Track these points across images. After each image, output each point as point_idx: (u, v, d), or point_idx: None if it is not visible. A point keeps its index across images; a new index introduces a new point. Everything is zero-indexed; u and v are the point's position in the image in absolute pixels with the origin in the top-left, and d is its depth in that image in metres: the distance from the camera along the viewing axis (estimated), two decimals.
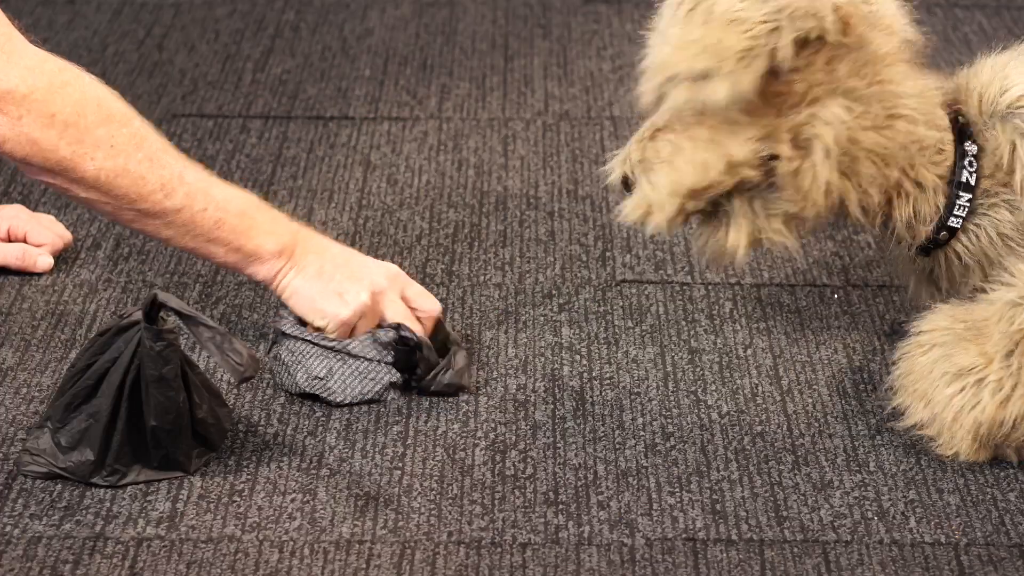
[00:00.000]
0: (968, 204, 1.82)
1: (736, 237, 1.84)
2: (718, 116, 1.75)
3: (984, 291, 1.81)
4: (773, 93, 1.75)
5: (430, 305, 1.91)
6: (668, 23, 1.76)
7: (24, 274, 2.12)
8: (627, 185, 1.84)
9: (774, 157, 1.77)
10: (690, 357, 1.99)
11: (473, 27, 2.89)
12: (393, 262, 2.17)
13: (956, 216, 1.83)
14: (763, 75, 1.71)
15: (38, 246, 2.10)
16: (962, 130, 1.83)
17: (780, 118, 1.76)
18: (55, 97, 1.68)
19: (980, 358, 1.74)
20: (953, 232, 1.84)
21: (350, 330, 1.86)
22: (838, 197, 1.79)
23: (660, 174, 1.81)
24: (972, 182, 1.82)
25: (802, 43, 1.72)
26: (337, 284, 1.85)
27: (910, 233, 1.85)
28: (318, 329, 1.86)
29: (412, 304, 1.90)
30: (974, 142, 1.82)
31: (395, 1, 2.99)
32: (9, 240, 2.09)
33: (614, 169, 1.85)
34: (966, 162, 1.82)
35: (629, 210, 1.83)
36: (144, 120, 1.77)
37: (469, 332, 2.03)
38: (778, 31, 1.69)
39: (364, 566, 1.65)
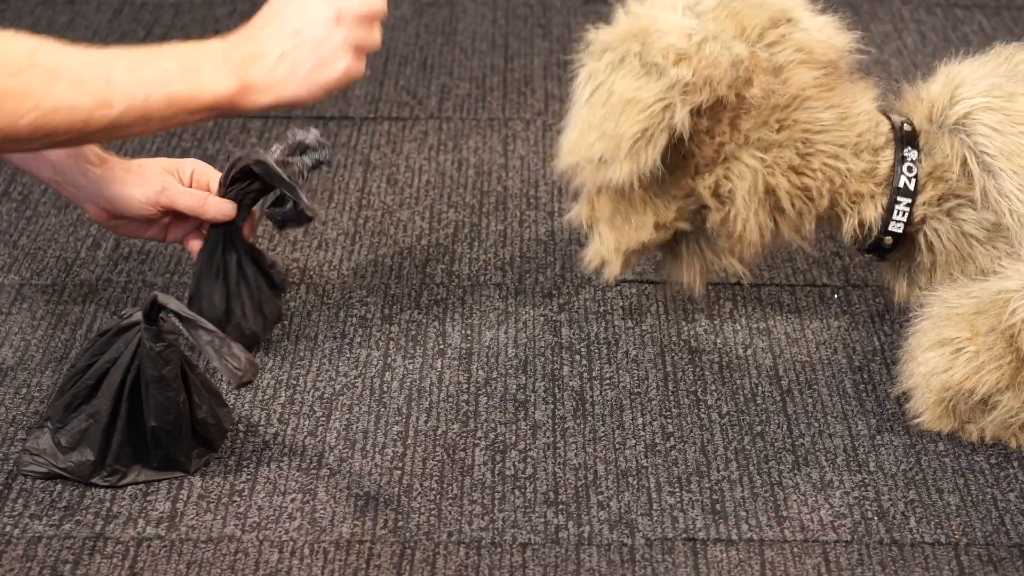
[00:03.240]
0: (908, 209, 1.85)
1: (689, 274, 1.96)
2: (644, 178, 1.81)
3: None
4: (688, 152, 1.82)
5: None
6: (576, 104, 1.84)
7: (24, 274, 2.12)
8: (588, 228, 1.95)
9: (705, 207, 1.86)
10: (690, 357, 1.99)
11: (473, 27, 2.89)
12: (393, 262, 2.18)
13: (896, 221, 1.86)
14: (666, 148, 1.78)
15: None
16: (904, 137, 1.84)
17: (698, 176, 1.84)
18: None
19: (966, 331, 1.76)
20: (897, 237, 1.86)
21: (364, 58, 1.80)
22: (771, 235, 1.87)
23: (604, 231, 1.91)
24: (912, 187, 1.84)
25: (700, 111, 1.78)
26: (311, 57, 1.74)
27: (859, 241, 1.91)
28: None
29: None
30: (914, 148, 1.84)
31: (395, 1, 2.99)
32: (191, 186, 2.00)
33: (574, 219, 1.95)
34: (904, 168, 1.84)
35: (587, 260, 1.95)
36: (44, 41, 1.66)
37: (469, 332, 2.03)
38: (671, 107, 1.76)
39: (364, 566, 1.65)
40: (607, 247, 1.91)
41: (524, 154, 2.47)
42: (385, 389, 1.92)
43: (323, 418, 1.87)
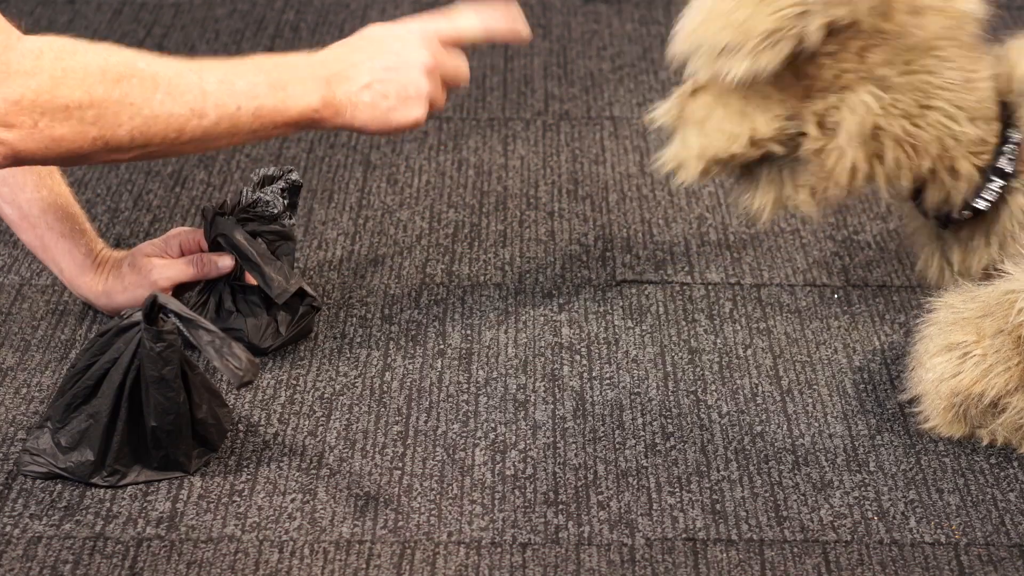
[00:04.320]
0: (1000, 191, 1.82)
1: (761, 201, 1.88)
2: (752, 87, 1.76)
3: (996, 269, 1.83)
4: (804, 73, 1.76)
5: (462, 66, 1.87)
6: None
7: (24, 274, 2.12)
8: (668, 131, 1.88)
9: (802, 134, 1.78)
10: (690, 357, 1.99)
11: None
12: (393, 262, 2.18)
13: (983, 199, 1.82)
14: (788, 56, 1.71)
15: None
16: (1008, 117, 1.82)
17: (808, 99, 1.78)
18: (61, 88, 1.63)
19: (973, 335, 1.75)
20: (976, 212, 1.83)
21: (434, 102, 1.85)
22: (864, 179, 1.80)
23: (691, 135, 1.84)
24: (1009, 170, 1.81)
25: (834, 29, 1.71)
26: (396, 94, 1.80)
27: (935, 209, 1.86)
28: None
29: (453, 42, 1.87)
30: (1016, 128, 1.81)
31: (395, 1, 2.99)
32: (183, 255, 2.04)
33: (659, 118, 1.88)
34: (1006, 148, 1.81)
35: (663, 161, 1.87)
36: (141, 53, 1.71)
37: (469, 332, 2.03)
38: (807, 15, 1.70)
39: (364, 566, 1.65)
40: (689, 152, 1.84)
41: (524, 154, 2.47)
42: (385, 389, 1.92)
43: (323, 418, 1.87)
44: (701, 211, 2.31)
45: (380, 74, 1.80)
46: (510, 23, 1.88)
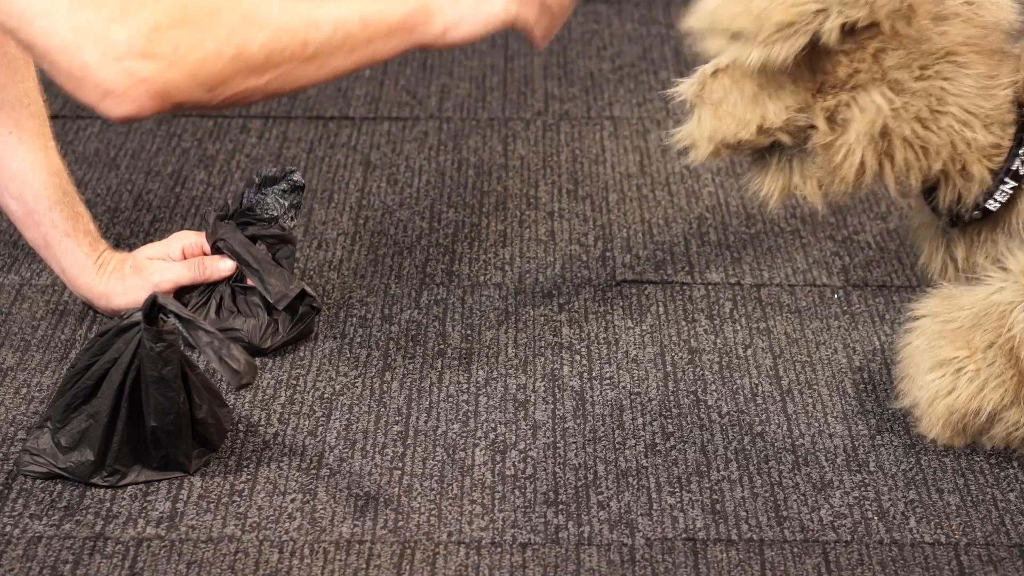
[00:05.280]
0: (1012, 192, 1.81)
1: (770, 187, 1.88)
2: (767, 75, 1.77)
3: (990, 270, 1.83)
4: (819, 67, 1.76)
5: None
6: None
7: (24, 274, 2.12)
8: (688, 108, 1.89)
9: (812, 127, 1.79)
10: (690, 357, 1.99)
11: None
12: (393, 262, 2.18)
13: (995, 200, 1.82)
14: (803, 50, 1.72)
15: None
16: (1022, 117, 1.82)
17: (820, 93, 1.78)
18: (189, 6, 1.57)
19: (964, 349, 1.75)
20: (986, 212, 1.83)
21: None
22: (872, 177, 1.80)
23: (706, 115, 1.85)
24: (1023, 172, 1.81)
25: (851, 29, 1.72)
26: None
27: (946, 208, 1.86)
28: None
29: None
30: None
31: None
32: (184, 258, 2.04)
33: (681, 93, 1.88)
34: (1021, 152, 1.80)
35: (678, 136, 1.88)
36: None
37: (469, 332, 2.03)
38: (825, 13, 1.70)
39: (364, 566, 1.65)
40: (702, 132, 1.85)
41: (524, 154, 2.47)
42: (385, 389, 1.92)
43: (323, 418, 1.87)
44: (701, 211, 2.31)
45: None
46: None
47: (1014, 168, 1.80)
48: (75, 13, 1.52)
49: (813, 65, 1.77)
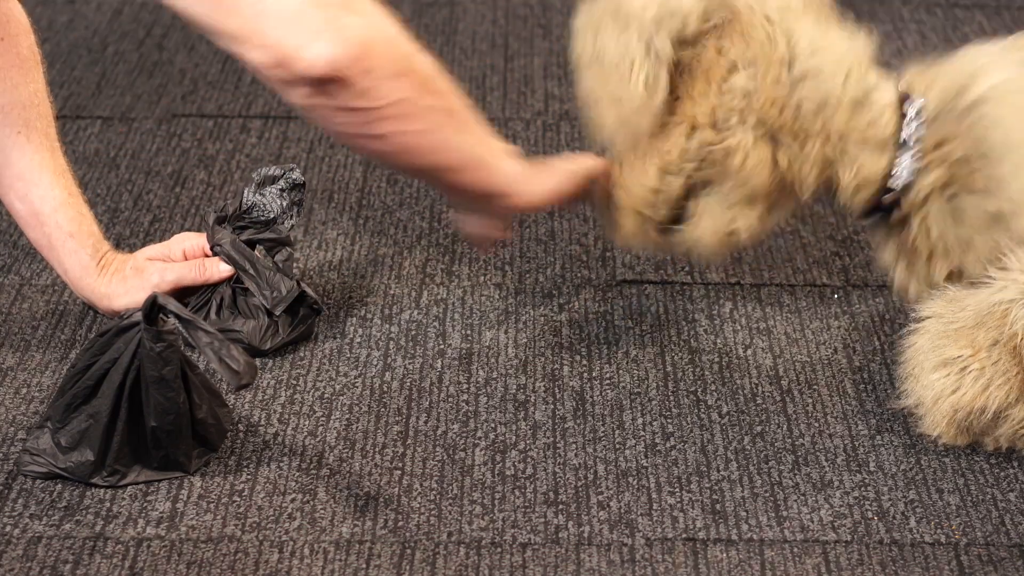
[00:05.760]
0: (909, 164, 1.84)
1: (702, 232, 1.91)
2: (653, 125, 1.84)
3: (963, 274, 1.84)
4: (682, 90, 1.83)
5: None
6: (583, 84, 1.86)
7: (24, 274, 2.12)
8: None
9: (709, 145, 1.84)
10: (690, 357, 1.99)
11: (473, 27, 2.89)
12: (393, 262, 2.18)
13: (898, 177, 1.85)
14: (666, 82, 1.81)
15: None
16: (903, 94, 1.85)
17: (693, 108, 1.83)
18: (397, 45, 1.70)
19: (968, 348, 1.75)
20: (897, 195, 1.85)
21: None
22: (777, 172, 1.84)
23: (618, 195, 1.91)
24: (911, 143, 1.84)
25: (683, 40, 1.81)
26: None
27: (857, 200, 1.89)
28: None
29: None
30: (914, 106, 1.84)
31: (395, 1, 2.99)
32: (185, 259, 2.05)
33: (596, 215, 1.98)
34: (904, 122, 1.83)
35: (604, 231, 1.97)
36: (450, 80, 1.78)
37: (469, 332, 2.03)
38: (651, 40, 1.79)
39: (364, 566, 1.65)
40: (618, 211, 1.92)
41: (524, 154, 2.47)
42: (385, 389, 1.92)
43: (323, 418, 1.87)
44: None
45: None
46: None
47: (902, 139, 1.83)
48: None
49: (675, 91, 1.84)
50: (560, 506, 1.74)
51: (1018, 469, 1.80)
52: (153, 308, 1.71)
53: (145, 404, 1.73)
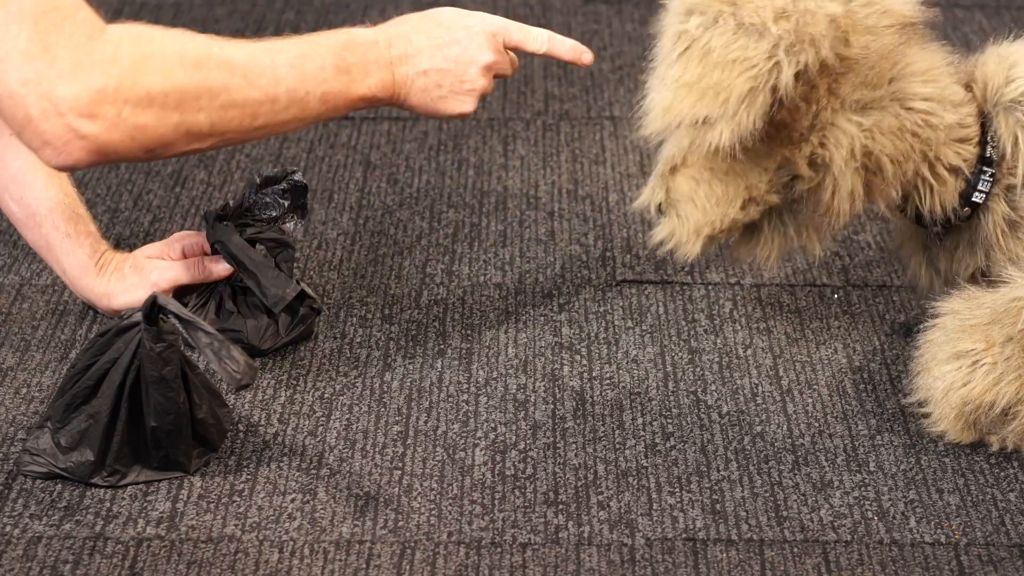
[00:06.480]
0: (991, 180, 1.82)
1: (764, 251, 1.88)
2: (738, 146, 1.74)
3: (985, 274, 1.83)
4: (782, 121, 1.76)
5: (531, 47, 1.89)
6: (664, 63, 1.75)
7: (24, 274, 2.12)
8: (660, 210, 1.87)
9: (796, 177, 1.79)
10: (690, 357, 1.99)
11: None
12: (393, 262, 2.18)
13: (980, 192, 1.82)
14: (766, 111, 1.71)
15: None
16: (980, 108, 1.82)
17: (792, 144, 1.78)
18: (142, 74, 1.60)
19: (982, 342, 1.75)
20: (975, 207, 1.83)
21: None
22: (861, 202, 1.80)
23: (686, 210, 1.83)
24: (995, 158, 1.81)
25: (801, 74, 1.71)
26: (450, 86, 1.83)
27: (934, 214, 1.85)
28: None
29: (515, 48, 1.90)
30: (989, 119, 1.82)
31: (395, 1, 2.99)
32: (184, 258, 2.04)
33: (644, 204, 1.87)
34: (988, 137, 1.81)
35: (661, 239, 1.86)
36: (214, 38, 1.71)
37: (469, 332, 2.03)
38: (779, 66, 1.69)
39: (364, 566, 1.65)
40: (687, 227, 1.84)
41: (524, 154, 2.47)
42: (385, 389, 1.92)
43: (323, 418, 1.87)
44: None
45: (439, 63, 1.82)
46: (575, 51, 1.90)
47: (987, 155, 1.81)
48: (26, 64, 1.54)
49: (774, 121, 1.75)
50: (560, 506, 1.74)
51: (1018, 469, 1.80)
52: (153, 308, 1.71)
53: (145, 404, 1.73)
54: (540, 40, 1.88)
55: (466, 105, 1.83)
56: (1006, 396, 1.75)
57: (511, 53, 1.88)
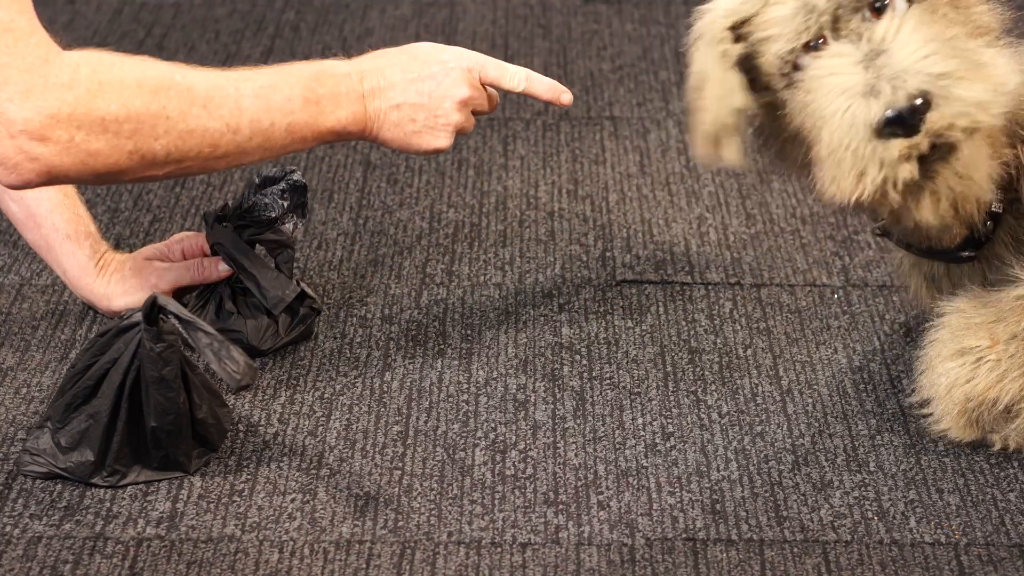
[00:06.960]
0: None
1: (930, 209, 1.72)
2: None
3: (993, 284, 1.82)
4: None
5: (508, 84, 1.88)
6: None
7: (24, 274, 2.12)
8: (913, 113, 1.58)
9: None
10: (690, 357, 1.99)
11: (473, 27, 2.89)
12: (393, 262, 2.18)
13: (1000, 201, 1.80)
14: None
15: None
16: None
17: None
18: (98, 100, 1.60)
19: (986, 339, 1.75)
20: (995, 217, 1.78)
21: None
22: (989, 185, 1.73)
23: (979, 76, 1.62)
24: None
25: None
26: (423, 120, 1.82)
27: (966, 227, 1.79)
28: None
29: (491, 85, 1.89)
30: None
31: (395, 1, 2.99)
32: (184, 259, 2.05)
33: (893, 95, 1.59)
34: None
35: (954, 116, 1.61)
36: (177, 65, 1.70)
37: (469, 332, 2.03)
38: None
39: (364, 566, 1.65)
40: (986, 93, 1.63)
41: (524, 154, 2.47)
42: (385, 389, 1.92)
43: (323, 418, 1.87)
44: (701, 211, 2.31)
45: (413, 97, 1.81)
46: (554, 90, 1.89)
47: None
48: None
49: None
50: (560, 506, 1.74)
51: (1018, 469, 1.80)
52: (153, 308, 1.71)
53: (145, 404, 1.73)
54: (517, 78, 1.87)
55: (441, 140, 1.83)
56: (1009, 393, 1.75)
57: (490, 89, 1.88)
